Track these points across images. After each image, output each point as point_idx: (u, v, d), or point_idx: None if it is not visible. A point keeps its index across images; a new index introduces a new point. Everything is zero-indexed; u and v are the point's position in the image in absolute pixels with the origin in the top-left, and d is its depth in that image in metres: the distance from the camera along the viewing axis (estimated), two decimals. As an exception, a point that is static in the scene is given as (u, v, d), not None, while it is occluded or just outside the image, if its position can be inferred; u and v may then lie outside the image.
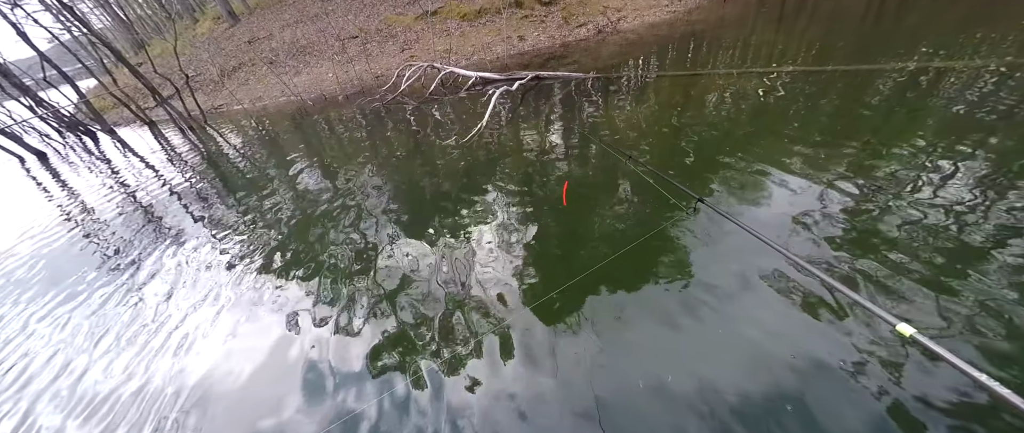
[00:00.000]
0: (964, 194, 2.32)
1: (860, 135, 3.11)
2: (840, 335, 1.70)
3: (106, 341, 2.67)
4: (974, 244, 1.99)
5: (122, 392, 2.24)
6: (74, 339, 2.76)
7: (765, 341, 1.74)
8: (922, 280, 1.86)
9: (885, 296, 1.82)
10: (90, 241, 4.38)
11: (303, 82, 10.70)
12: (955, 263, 1.91)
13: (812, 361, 1.63)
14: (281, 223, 3.77)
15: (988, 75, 3.71)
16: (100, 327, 2.83)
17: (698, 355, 1.76)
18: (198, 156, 7.15)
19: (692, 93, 4.82)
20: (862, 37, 5.80)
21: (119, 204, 5.38)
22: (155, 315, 2.82)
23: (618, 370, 1.77)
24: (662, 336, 1.88)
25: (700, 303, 1.98)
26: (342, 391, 1.96)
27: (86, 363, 2.51)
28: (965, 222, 2.13)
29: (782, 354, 1.68)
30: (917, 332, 0.93)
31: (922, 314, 1.72)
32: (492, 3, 11.07)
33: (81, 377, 2.41)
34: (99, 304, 3.10)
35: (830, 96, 3.97)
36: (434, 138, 5.13)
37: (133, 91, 12.72)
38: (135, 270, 3.49)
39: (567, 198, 2.96)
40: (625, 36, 8.88)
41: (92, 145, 10.80)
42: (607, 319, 2.00)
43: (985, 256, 1.91)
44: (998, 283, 1.78)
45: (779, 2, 9.32)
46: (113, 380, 2.33)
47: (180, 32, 16.49)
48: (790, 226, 2.35)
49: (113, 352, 2.56)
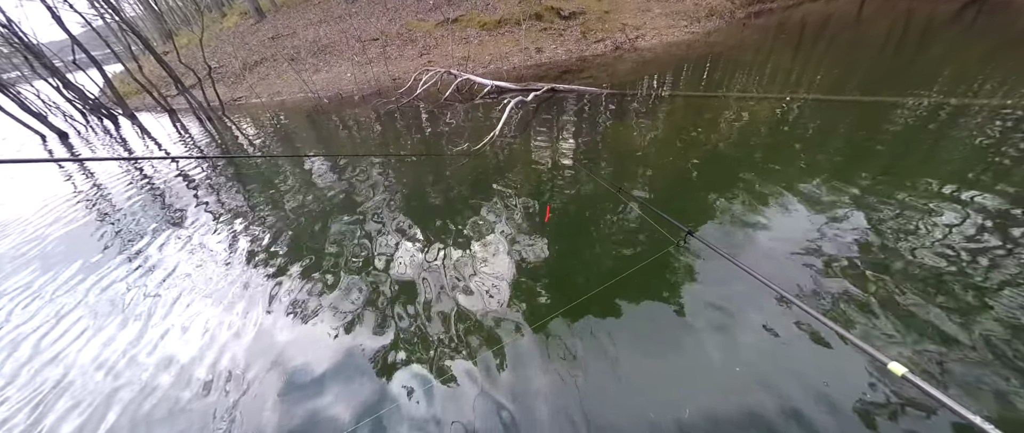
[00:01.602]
0: (975, 237, 2.24)
1: (870, 170, 3.04)
2: (829, 371, 1.66)
3: (100, 326, 2.66)
4: (977, 287, 1.91)
5: (115, 385, 2.21)
6: (69, 320, 2.76)
7: (752, 375, 1.69)
8: (918, 320, 1.79)
9: (878, 334, 1.78)
10: (100, 221, 4.44)
11: (321, 80, 10.89)
12: (957, 307, 1.83)
13: (798, 397, 1.58)
14: (288, 217, 3.78)
15: (1007, 114, 3.63)
16: (99, 311, 2.83)
17: (683, 387, 1.70)
18: (214, 145, 7.26)
19: (705, 115, 4.78)
20: (879, 69, 5.74)
21: (132, 187, 5.46)
22: (152, 307, 2.81)
23: (607, 400, 1.70)
24: (649, 368, 1.81)
25: (688, 335, 1.92)
26: (324, 397, 1.91)
27: (77, 347, 2.50)
28: (971, 265, 2.05)
29: (769, 389, 1.62)
30: (908, 371, 0.93)
31: (917, 354, 1.67)
32: (512, 14, 11.23)
33: (67, 360, 2.40)
34: (103, 286, 3.11)
35: (843, 127, 3.91)
36: (446, 143, 5.15)
37: (157, 79, 13.06)
38: (139, 256, 3.51)
39: (549, 216, 2.96)
40: (642, 54, 8.92)
41: (112, 128, 11.06)
42: (597, 347, 1.94)
43: (987, 301, 1.84)
44: (997, 329, 1.70)
45: (798, 29, 9.31)
46: (106, 370, 2.31)
47: (207, 24, 16.98)
48: (788, 259, 2.29)
49: (103, 339, 2.55)
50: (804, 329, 1.84)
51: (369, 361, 2.06)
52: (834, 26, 9.20)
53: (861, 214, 2.56)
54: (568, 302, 2.18)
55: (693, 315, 2.02)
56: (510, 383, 1.83)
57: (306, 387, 1.99)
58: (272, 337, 2.33)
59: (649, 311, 2.09)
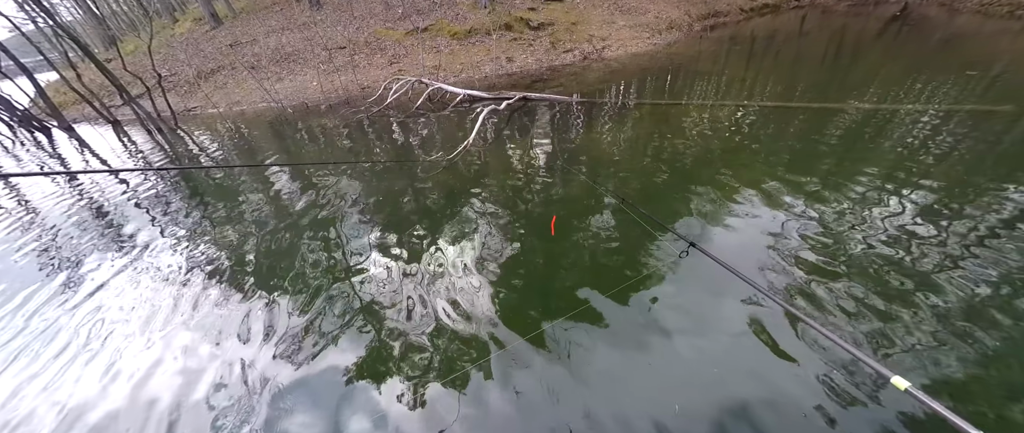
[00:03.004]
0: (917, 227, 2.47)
1: (819, 170, 3.31)
2: (829, 383, 1.66)
3: (31, 358, 2.38)
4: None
5: (52, 416, 1.97)
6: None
7: (749, 385, 1.72)
8: (903, 323, 1.92)
9: (881, 347, 1.79)
10: (30, 248, 3.99)
11: (285, 89, 10.46)
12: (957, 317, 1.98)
13: (799, 407, 1.59)
14: (248, 233, 3.56)
15: (928, 119, 4.08)
16: (33, 343, 2.52)
17: (677, 393, 1.73)
18: (164, 159, 6.76)
19: (669, 121, 5.02)
20: (821, 77, 6.28)
21: (69, 207, 4.96)
22: (96, 332, 2.55)
23: (594, 407, 1.71)
24: (639, 374, 1.84)
25: (680, 341, 1.95)
26: (292, 415, 1.80)
27: (9, 379, 2.22)
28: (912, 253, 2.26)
29: (769, 399, 1.65)
30: (912, 386, 0.92)
31: (919, 364, 1.69)
32: (482, 24, 11.34)
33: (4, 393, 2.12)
34: (35, 317, 2.79)
35: (793, 129, 4.23)
36: (419, 153, 5.07)
37: (98, 88, 12.04)
38: (79, 282, 3.18)
39: (555, 229, 2.89)
40: (609, 64, 9.25)
41: (46, 142, 10.05)
42: (582, 354, 1.95)
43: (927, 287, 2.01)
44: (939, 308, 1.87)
45: (749, 41, 10.03)
46: (42, 401, 2.06)
47: (157, 31, 15.94)
48: (768, 260, 2.42)
49: (46, 370, 2.27)
50: (801, 340, 1.85)
51: (339, 381, 1.96)
52: (780, 38, 9.99)
53: (822, 209, 2.75)
54: (549, 313, 2.18)
55: (687, 324, 2.02)
56: (492, 398, 1.80)
57: (276, 409, 1.86)
58: (229, 363, 2.17)
59: (642, 319, 2.10)
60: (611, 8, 12.53)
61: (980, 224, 2.45)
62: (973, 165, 3.13)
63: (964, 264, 2.15)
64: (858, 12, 12.26)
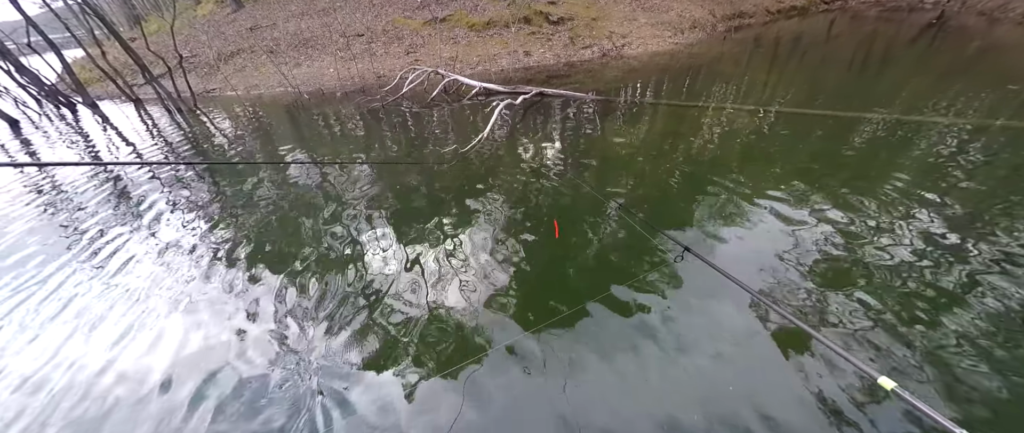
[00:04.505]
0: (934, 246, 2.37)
1: (838, 180, 3.20)
2: (818, 384, 1.69)
3: (53, 329, 2.45)
4: (956, 297, 2.02)
5: (64, 385, 2.04)
6: (20, 322, 2.53)
7: (744, 387, 1.70)
8: (902, 332, 1.86)
9: (866, 348, 1.82)
10: (52, 217, 4.11)
11: (302, 74, 10.54)
12: (941, 316, 1.93)
13: (785, 410, 1.61)
14: (261, 216, 3.61)
15: (958, 132, 3.90)
16: (52, 314, 2.60)
17: (670, 396, 1.70)
18: (183, 138, 6.89)
19: (686, 123, 4.91)
20: (847, 85, 6.06)
21: (91, 181, 5.09)
22: (109, 308, 2.61)
23: (591, 411, 1.69)
24: (635, 378, 1.81)
25: (677, 345, 1.93)
26: (285, 401, 1.82)
27: (26, 348, 2.29)
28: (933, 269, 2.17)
29: (759, 401, 1.64)
30: (898, 386, 0.94)
31: (903, 364, 1.72)
32: (501, 16, 11.23)
33: (19, 364, 2.20)
34: (55, 286, 2.87)
35: (815, 138, 4.09)
36: (432, 144, 5.07)
37: (122, 66, 12.29)
38: (95, 256, 3.27)
39: (559, 231, 2.89)
40: (628, 62, 9.09)
41: (70, 117, 10.33)
42: (581, 355, 1.93)
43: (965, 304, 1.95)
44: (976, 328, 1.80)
45: (773, 44, 9.74)
46: (58, 372, 2.13)
47: (180, 11, 16.15)
48: (771, 263, 2.36)
49: (64, 340, 2.35)
50: (794, 342, 1.86)
51: (335, 370, 1.97)
52: (806, 42, 9.68)
53: (835, 221, 2.66)
54: (555, 313, 2.16)
55: (678, 327, 2.02)
56: (493, 395, 1.79)
57: (268, 395, 1.89)
58: (240, 345, 2.20)
59: (638, 323, 2.08)
60: (633, 4, 12.28)
61: (1005, 248, 2.34)
62: (1008, 183, 2.99)
63: (982, 285, 2.06)
64: (890, 18, 11.79)
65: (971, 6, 11.20)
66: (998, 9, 10.26)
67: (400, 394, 1.83)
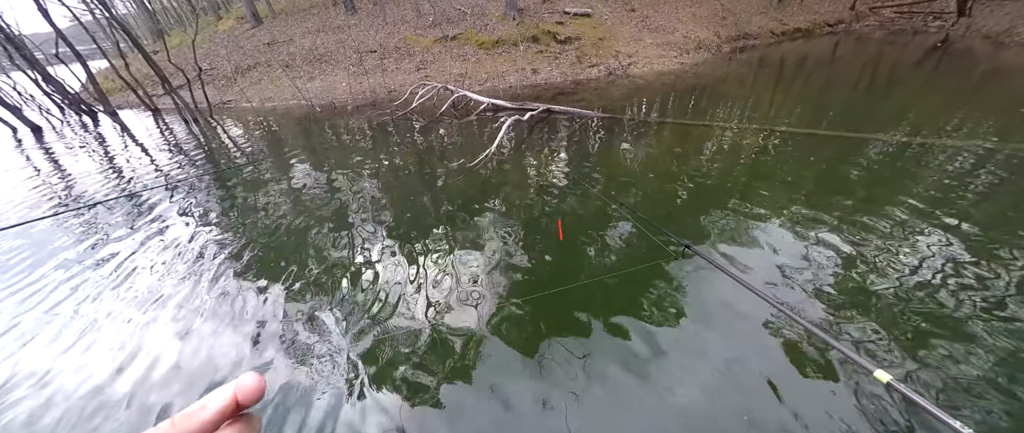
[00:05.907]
0: (957, 259, 2.33)
1: (844, 200, 3.18)
2: (817, 379, 1.72)
3: (54, 333, 2.48)
4: (948, 306, 1.98)
5: (80, 391, 2.04)
6: (29, 325, 2.56)
7: (743, 381, 1.72)
8: (899, 332, 1.83)
9: (865, 343, 1.86)
10: (68, 221, 4.20)
11: (315, 87, 10.84)
12: (931, 319, 1.88)
13: (788, 404, 1.63)
14: (270, 224, 3.66)
15: (967, 154, 3.88)
16: (57, 316, 2.63)
17: (675, 396, 1.67)
18: (198, 147, 7.06)
19: (691, 141, 4.94)
20: (853, 105, 6.08)
21: (107, 186, 5.22)
22: (118, 311, 2.64)
23: (594, 418, 1.66)
24: (641, 379, 1.78)
25: (679, 346, 1.93)
26: (290, 401, 1.80)
27: (35, 353, 2.31)
28: (948, 285, 2.13)
29: (760, 396, 1.66)
30: (893, 379, 0.97)
31: (899, 361, 1.74)
32: (510, 35, 11.53)
33: (34, 370, 2.21)
34: (67, 291, 2.91)
35: (818, 159, 4.09)
36: (440, 158, 5.14)
37: (143, 78, 12.75)
38: (108, 259, 3.32)
39: (562, 233, 2.95)
40: (634, 80, 9.23)
41: (91, 124, 10.66)
42: (587, 362, 1.91)
43: (959, 317, 1.90)
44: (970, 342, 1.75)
45: (778, 65, 9.85)
46: (68, 377, 2.14)
47: (202, 27, 16.82)
48: (774, 275, 2.36)
49: (70, 345, 2.36)
50: (794, 339, 1.90)
51: (336, 374, 1.96)
52: (811, 64, 9.78)
53: (843, 238, 2.65)
54: (561, 326, 2.14)
55: (686, 326, 2.01)
56: (485, 402, 1.77)
57: (290, 403, 1.87)
58: (242, 352, 2.20)
59: (642, 325, 2.07)
60: (639, 25, 12.56)
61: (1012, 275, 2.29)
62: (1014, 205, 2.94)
63: (991, 313, 2.01)
64: (894, 40, 11.90)
65: (976, 30, 11.28)
66: (1003, 33, 10.32)
67: (402, 406, 1.81)
